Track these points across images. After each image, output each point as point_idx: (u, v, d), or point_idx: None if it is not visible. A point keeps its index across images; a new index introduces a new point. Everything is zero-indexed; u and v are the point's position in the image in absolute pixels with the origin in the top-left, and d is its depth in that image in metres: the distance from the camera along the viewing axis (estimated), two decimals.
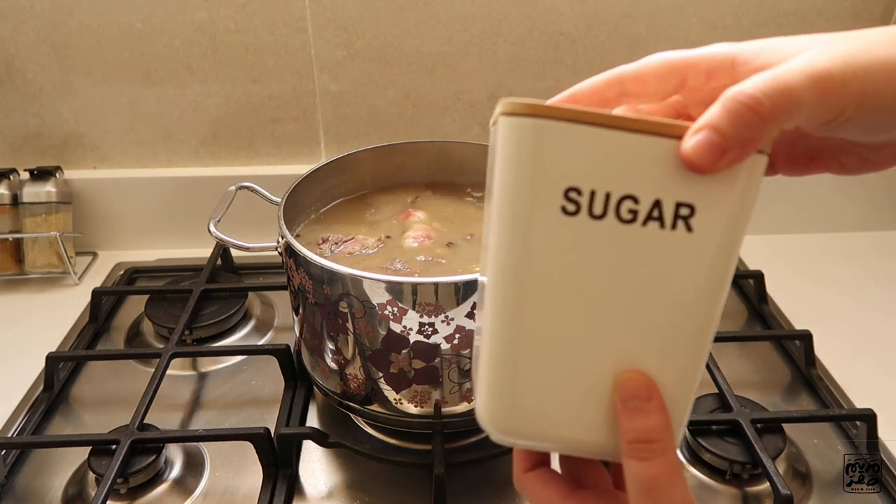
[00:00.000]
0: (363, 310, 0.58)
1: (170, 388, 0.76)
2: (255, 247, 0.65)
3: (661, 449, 0.32)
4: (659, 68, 0.35)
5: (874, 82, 0.30)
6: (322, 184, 0.76)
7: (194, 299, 0.83)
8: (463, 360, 0.60)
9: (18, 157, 1.00)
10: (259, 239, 0.66)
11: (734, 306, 0.91)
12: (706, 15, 0.94)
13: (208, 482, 0.65)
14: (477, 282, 0.56)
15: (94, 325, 0.86)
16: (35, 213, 0.94)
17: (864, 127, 0.32)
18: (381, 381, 0.62)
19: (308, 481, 0.66)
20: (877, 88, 0.30)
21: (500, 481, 0.65)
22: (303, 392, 0.73)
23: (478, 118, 0.99)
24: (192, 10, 0.92)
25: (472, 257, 0.68)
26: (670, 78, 0.35)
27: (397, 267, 0.66)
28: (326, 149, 1.02)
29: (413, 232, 0.71)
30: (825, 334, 0.79)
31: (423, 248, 0.69)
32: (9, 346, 0.85)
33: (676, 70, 0.35)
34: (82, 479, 0.65)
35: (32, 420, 0.72)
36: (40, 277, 0.97)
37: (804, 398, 0.75)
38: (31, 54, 0.94)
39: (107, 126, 1.00)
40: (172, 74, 0.96)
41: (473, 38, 0.95)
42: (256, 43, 0.94)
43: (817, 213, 1.06)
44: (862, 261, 1.01)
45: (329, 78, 0.97)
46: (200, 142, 1.01)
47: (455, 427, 0.65)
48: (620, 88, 0.36)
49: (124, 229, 1.03)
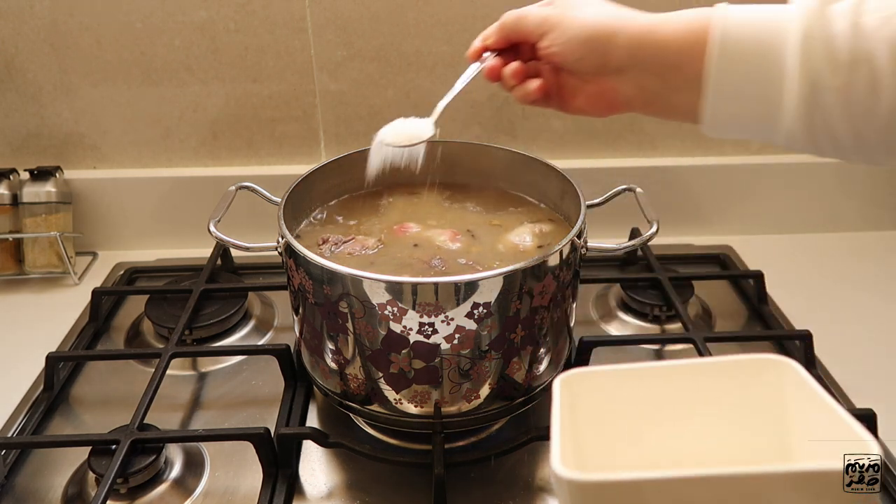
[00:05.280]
0: (363, 310, 0.58)
1: (170, 388, 0.76)
2: (255, 247, 0.65)
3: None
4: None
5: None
6: (322, 184, 0.76)
7: (194, 299, 0.83)
8: (463, 360, 0.60)
9: (18, 157, 1.00)
10: (259, 239, 0.66)
11: (734, 306, 0.91)
12: None
13: (208, 482, 0.65)
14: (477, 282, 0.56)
15: (94, 325, 0.86)
16: (35, 213, 0.94)
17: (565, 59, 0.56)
18: (381, 381, 0.62)
19: (308, 481, 0.66)
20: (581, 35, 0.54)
21: (500, 481, 0.65)
22: (303, 392, 0.73)
23: (478, 118, 0.99)
24: (192, 10, 0.92)
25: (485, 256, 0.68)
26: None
27: (434, 264, 0.67)
28: (326, 149, 1.02)
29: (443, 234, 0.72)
30: (825, 334, 0.79)
31: (462, 251, 0.70)
32: (9, 346, 0.85)
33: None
34: (82, 479, 0.65)
35: (32, 420, 0.72)
36: (40, 277, 0.97)
37: None
38: (31, 54, 0.95)
39: (107, 126, 1.00)
40: (172, 74, 0.96)
41: (473, 38, 0.94)
42: (256, 43, 0.94)
43: (817, 214, 1.06)
44: (862, 261, 1.01)
45: (329, 78, 0.97)
46: (200, 142, 1.01)
47: (455, 427, 0.65)
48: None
49: (124, 229, 1.03)
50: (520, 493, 0.64)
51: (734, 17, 0.49)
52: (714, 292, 0.92)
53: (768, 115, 0.49)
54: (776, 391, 0.49)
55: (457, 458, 0.64)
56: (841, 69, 0.46)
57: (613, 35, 0.53)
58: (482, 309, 0.58)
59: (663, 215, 0.70)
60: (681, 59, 0.51)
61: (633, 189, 0.74)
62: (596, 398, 0.50)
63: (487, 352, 0.60)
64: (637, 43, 0.52)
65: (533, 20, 0.57)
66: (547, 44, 0.56)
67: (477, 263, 0.67)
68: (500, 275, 0.57)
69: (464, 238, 0.72)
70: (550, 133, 1.01)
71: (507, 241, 0.71)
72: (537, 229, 0.73)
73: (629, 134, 1.02)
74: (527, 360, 0.63)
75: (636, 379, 0.51)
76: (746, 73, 0.49)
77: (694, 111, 0.51)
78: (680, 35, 0.51)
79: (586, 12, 0.54)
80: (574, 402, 0.48)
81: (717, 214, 1.06)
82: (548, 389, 0.69)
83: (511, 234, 0.72)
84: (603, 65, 0.54)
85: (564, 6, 0.56)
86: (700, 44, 0.49)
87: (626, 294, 0.87)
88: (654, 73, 0.53)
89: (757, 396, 0.49)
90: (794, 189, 1.04)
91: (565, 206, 0.74)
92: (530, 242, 0.71)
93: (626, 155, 1.04)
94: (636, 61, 0.53)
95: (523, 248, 0.70)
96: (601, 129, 1.02)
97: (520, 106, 0.93)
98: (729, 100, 0.50)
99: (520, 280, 0.58)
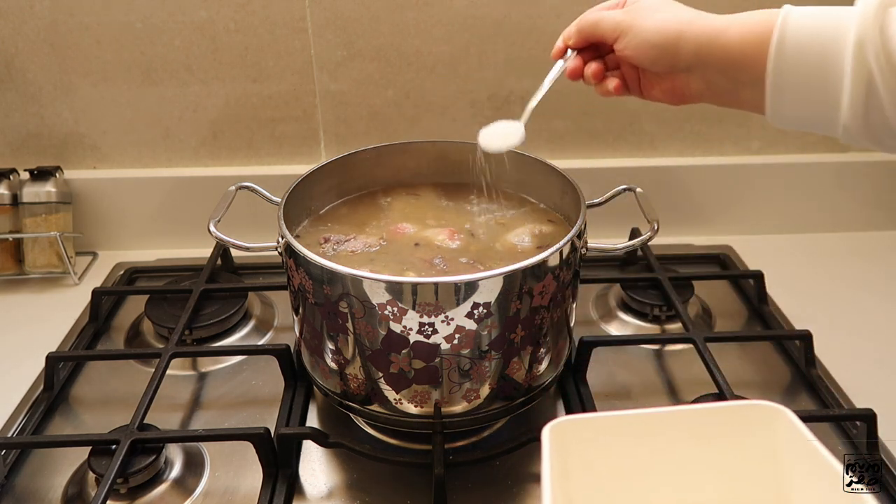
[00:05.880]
0: (363, 310, 0.58)
1: (170, 388, 0.76)
2: (255, 247, 0.65)
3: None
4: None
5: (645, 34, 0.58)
6: (322, 184, 0.76)
7: (194, 299, 0.83)
8: (463, 360, 0.60)
9: (18, 157, 1.00)
10: (259, 239, 0.66)
11: (734, 306, 0.91)
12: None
13: (208, 482, 0.65)
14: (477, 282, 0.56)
15: (94, 325, 0.86)
16: (35, 213, 0.94)
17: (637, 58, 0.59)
18: (381, 381, 0.62)
19: (308, 481, 0.66)
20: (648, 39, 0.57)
21: (500, 481, 0.65)
22: (303, 392, 0.73)
23: (478, 118, 0.99)
24: (192, 10, 0.92)
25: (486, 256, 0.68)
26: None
27: (436, 263, 0.67)
28: (326, 149, 1.02)
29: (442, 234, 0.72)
30: (825, 334, 0.79)
31: (461, 250, 0.70)
32: (9, 346, 0.85)
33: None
34: (82, 479, 0.65)
35: (32, 420, 0.72)
36: (40, 277, 0.97)
37: (804, 398, 0.75)
38: (31, 54, 0.94)
39: (107, 126, 1.00)
40: (172, 74, 0.96)
41: (473, 38, 0.95)
42: (256, 43, 0.94)
43: (817, 214, 1.06)
44: (862, 261, 1.01)
45: (329, 78, 0.97)
46: (200, 142, 1.01)
47: (455, 427, 0.65)
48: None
49: (124, 229, 1.03)
50: (520, 494, 0.64)
51: (795, 20, 0.51)
52: (714, 292, 0.92)
53: (827, 115, 0.51)
54: (769, 438, 0.48)
55: (457, 458, 0.63)
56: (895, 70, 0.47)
57: (680, 38, 0.56)
58: (482, 309, 0.58)
59: (663, 215, 0.70)
60: (745, 60, 0.53)
61: (633, 189, 0.75)
62: (586, 446, 0.49)
63: (487, 352, 0.60)
64: (703, 45, 0.55)
65: (607, 25, 0.60)
66: (622, 46, 0.60)
67: (478, 262, 0.67)
68: (500, 275, 0.57)
69: (463, 237, 0.72)
70: (550, 133, 1.01)
71: (506, 241, 0.71)
72: (536, 230, 0.73)
73: (629, 134, 1.02)
74: (527, 360, 0.63)
75: (626, 426, 0.50)
76: (805, 75, 0.50)
77: (760, 106, 0.54)
78: (745, 37, 0.53)
79: (656, 18, 0.57)
80: (564, 451, 0.48)
81: (717, 214, 1.06)
82: (547, 389, 0.69)
83: (510, 234, 0.72)
84: (672, 66, 0.58)
85: (637, 11, 0.59)
86: (763, 45, 0.51)
87: (626, 294, 0.87)
88: (721, 72, 0.55)
89: (750, 444, 0.49)
90: (794, 189, 1.04)
91: (565, 205, 0.74)
92: (528, 243, 0.71)
93: (626, 155, 1.04)
94: (703, 62, 0.56)
95: (521, 249, 0.70)
96: (601, 129, 1.02)
97: (519, 106, 0.93)
98: (789, 100, 0.52)
99: (520, 280, 0.58)
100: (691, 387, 0.75)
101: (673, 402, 0.75)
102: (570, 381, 0.73)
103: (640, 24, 0.58)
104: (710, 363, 0.72)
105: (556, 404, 0.74)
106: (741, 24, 0.53)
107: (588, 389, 0.73)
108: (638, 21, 0.58)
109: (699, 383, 0.74)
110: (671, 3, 0.59)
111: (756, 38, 0.52)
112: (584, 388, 0.73)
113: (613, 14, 0.60)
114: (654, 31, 0.57)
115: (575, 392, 0.72)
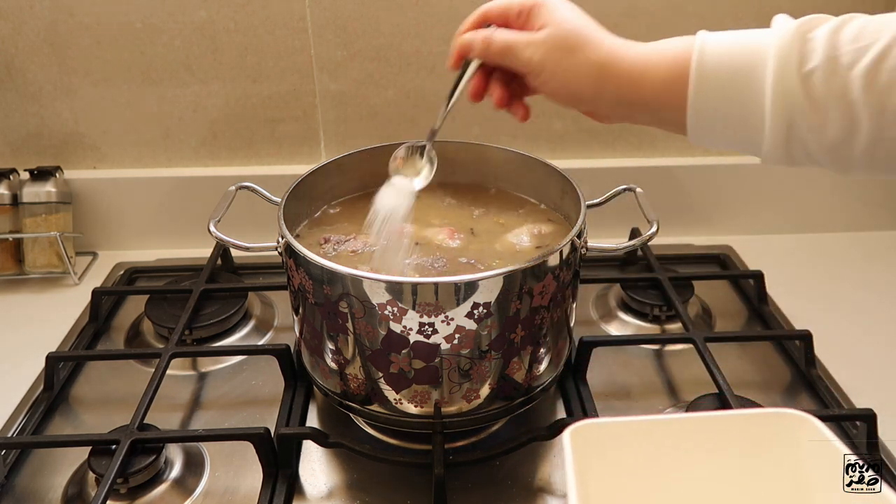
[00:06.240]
0: (363, 310, 0.58)
1: (170, 388, 0.76)
2: (255, 247, 0.65)
3: None
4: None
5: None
6: (322, 184, 0.76)
7: (194, 299, 0.83)
8: (463, 360, 0.60)
9: (18, 157, 1.00)
10: (259, 239, 0.66)
11: (734, 306, 0.91)
12: (706, 15, 0.94)
13: (208, 482, 0.65)
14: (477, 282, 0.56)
15: (94, 325, 0.86)
16: (35, 213, 0.94)
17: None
18: (381, 381, 0.62)
19: (308, 481, 0.66)
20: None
21: (500, 481, 0.65)
22: (303, 392, 0.73)
23: (478, 118, 0.99)
24: (192, 10, 0.92)
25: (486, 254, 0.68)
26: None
27: (437, 263, 0.67)
28: (326, 149, 1.02)
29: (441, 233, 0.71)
30: (825, 334, 0.79)
31: (461, 249, 0.69)
32: (9, 346, 0.85)
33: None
34: (82, 479, 0.65)
35: (32, 420, 0.72)
36: (40, 277, 0.97)
37: (804, 398, 0.75)
38: (31, 54, 0.94)
39: (107, 126, 1.00)
40: (172, 74, 0.96)
41: None
42: (256, 43, 0.94)
43: (817, 214, 1.06)
44: (862, 261, 1.01)
45: (329, 78, 0.97)
46: (200, 142, 1.01)
47: (455, 427, 0.65)
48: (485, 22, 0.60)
49: (124, 229, 1.03)
50: (520, 494, 0.64)
51: (710, 54, 0.50)
52: (714, 292, 0.92)
53: (749, 142, 0.51)
54: (793, 447, 0.48)
55: (457, 458, 0.63)
56: (816, 106, 0.47)
57: (599, 85, 0.55)
58: (482, 309, 0.58)
59: (663, 215, 0.70)
60: (667, 102, 0.53)
61: (633, 189, 0.74)
62: (605, 450, 0.48)
63: (487, 352, 0.60)
64: (624, 94, 0.55)
65: (520, 61, 0.57)
66: (535, 85, 0.58)
67: (478, 262, 0.67)
68: (500, 275, 0.57)
69: (463, 236, 0.72)
70: (550, 133, 1.01)
71: (505, 241, 0.71)
72: (536, 230, 0.73)
73: (629, 134, 1.02)
74: (527, 360, 0.63)
75: (648, 431, 0.50)
76: (724, 116, 0.51)
77: (683, 128, 0.54)
78: (665, 80, 0.52)
79: (571, 62, 0.55)
80: (583, 454, 0.47)
81: (717, 214, 1.06)
82: (547, 389, 0.69)
83: (510, 234, 0.72)
84: (593, 110, 0.58)
85: (548, 49, 0.55)
86: (683, 85, 0.51)
87: (626, 294, 0.87)
88: (642, 111, 0.56)
89: (773, 452, 0.48)
90: (794, 189, 1.04)
91: (565, 205, 0.74)
92: (528, 243, 0.71)
93: (626, 155, 1.04)
94: (624, 106, 0.56)
95: (519, 248, 0.70)
96: (601, 129, 1.02)
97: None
98: (710, 135, 0.53)
99: (520, 280, 0.58)
100: (691, 387, 0.75)
101: (673, 402, 0.75)
102: (570, 381, 0.73)
103: (554, 68, 0.55)
104: (711, 363, 0.72)
105: (556, 404, 0.74)
106: (657, 63, 0.53)
107: (588, 389, 0.73)
108: (549, 66, 0.55)
109: (699, 383, 0.74)
110: (584, 31, 0.55)
111: (675, 79, 0.52)
112: (584, 389, 0.73)
113: (524, 50, 0.56)
114: (573, 77, 0.55)
115: (575, 392, 0.72)
